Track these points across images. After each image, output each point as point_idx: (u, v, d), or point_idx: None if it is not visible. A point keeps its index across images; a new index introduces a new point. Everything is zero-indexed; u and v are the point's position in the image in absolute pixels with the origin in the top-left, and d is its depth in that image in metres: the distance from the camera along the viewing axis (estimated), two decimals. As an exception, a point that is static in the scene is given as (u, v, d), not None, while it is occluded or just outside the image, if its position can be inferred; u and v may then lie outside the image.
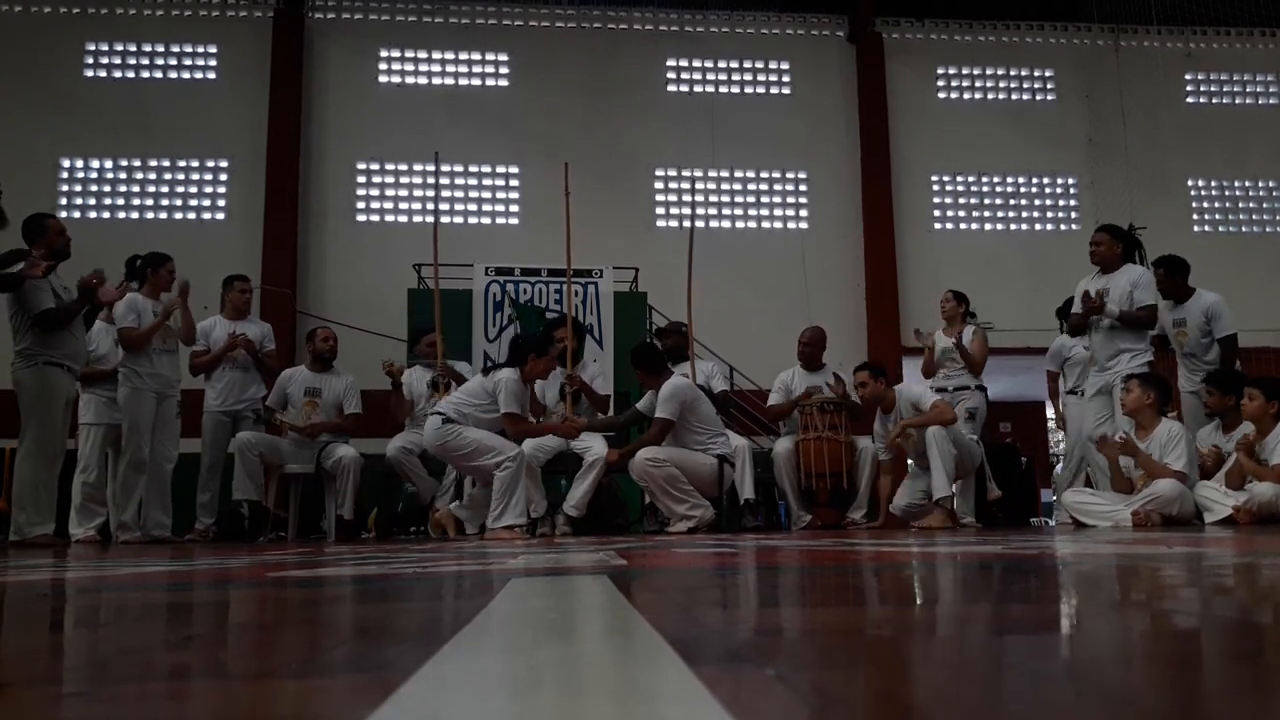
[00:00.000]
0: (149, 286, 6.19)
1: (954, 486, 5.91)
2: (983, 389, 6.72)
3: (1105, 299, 5.85)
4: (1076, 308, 6.04)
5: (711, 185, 12.89)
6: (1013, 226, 13.22)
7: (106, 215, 12.06)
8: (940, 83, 13.45)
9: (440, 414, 5.38)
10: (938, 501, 5.81)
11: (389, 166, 12.52)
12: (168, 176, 12.19)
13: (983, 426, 6.66)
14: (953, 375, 6.65)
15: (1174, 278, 6.28)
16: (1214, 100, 13.76)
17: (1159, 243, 12.62)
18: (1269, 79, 13.85)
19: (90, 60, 12.37)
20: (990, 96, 13.52)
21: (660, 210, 12.76)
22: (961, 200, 13.23)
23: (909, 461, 6.39)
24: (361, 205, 12.42)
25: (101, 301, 5.79)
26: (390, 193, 12.51)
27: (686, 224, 12.54)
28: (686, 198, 12.77)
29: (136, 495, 6.06)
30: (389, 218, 12.43)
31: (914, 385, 6.12)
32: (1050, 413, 15.23)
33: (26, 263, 5.37)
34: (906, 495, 6.21)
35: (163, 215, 12.10)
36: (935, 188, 13.16)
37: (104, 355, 6.25)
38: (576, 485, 5.98)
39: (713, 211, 12.85)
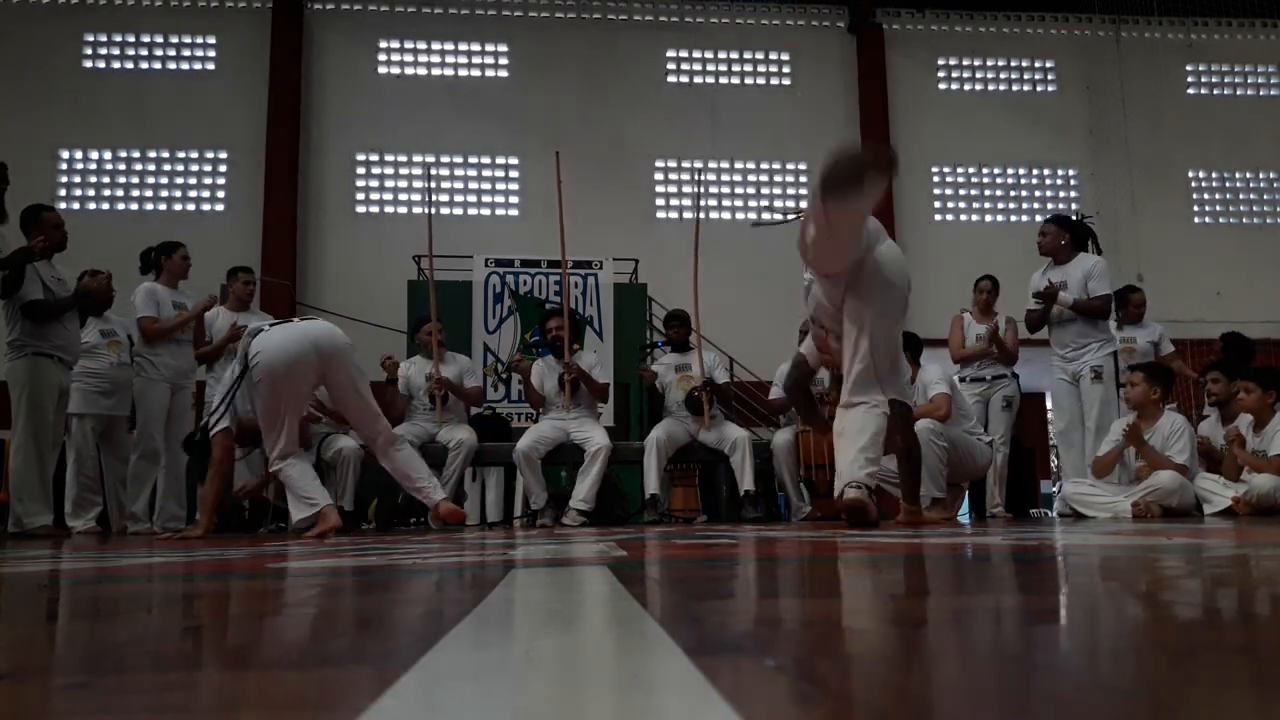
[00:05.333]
0: (165, 275, 6.21)
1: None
2: (1016, 376, 6.69)
3: (1062, 289, 5.90)
4: (1032, 304, 6.07)
5: (712, 176, 12.88)
6: (1013, 218, 13.22)
7: (106, 206, 12.06)
8: (941, 74, 13.43)
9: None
10: (933, 498, 5.81)
11: (388, 158, 12.51)
12: (167, 168, 12.19)
13: (1015, 415, 6.62)
14: (986, 364, 6.57)
15: (1233, 350, 6.48)
16: (1215, 91, 13.75)
17: (1160, 234, 12.69)
18: (1270, 70, 13.83)
19: (89, 51, 12.35)
20: (991, 87, 13.50)
21: (660, 202, 12.75)
22: (962, 191, 13.22)
23: None
24: (361, 197, 12.41)
25: (90, 290, 5.80)
26: (390, 184, 12.51)
27: (687, 215, 12.57)
28: (687, 189, 12.76)
29: (148, 486, 6.08)
30: (388, 209, 12.43)
31: (932, 367, 6.05)
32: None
33: (25, 250, 5.38)
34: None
35: (162, 206, 12.10)
36: (936, 179, 13.15)
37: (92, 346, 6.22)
38: (582, 478, 5.99)
39: (713, 203, 12.84)
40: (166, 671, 0.75)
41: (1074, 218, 6.31)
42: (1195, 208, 13.38)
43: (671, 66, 13.14)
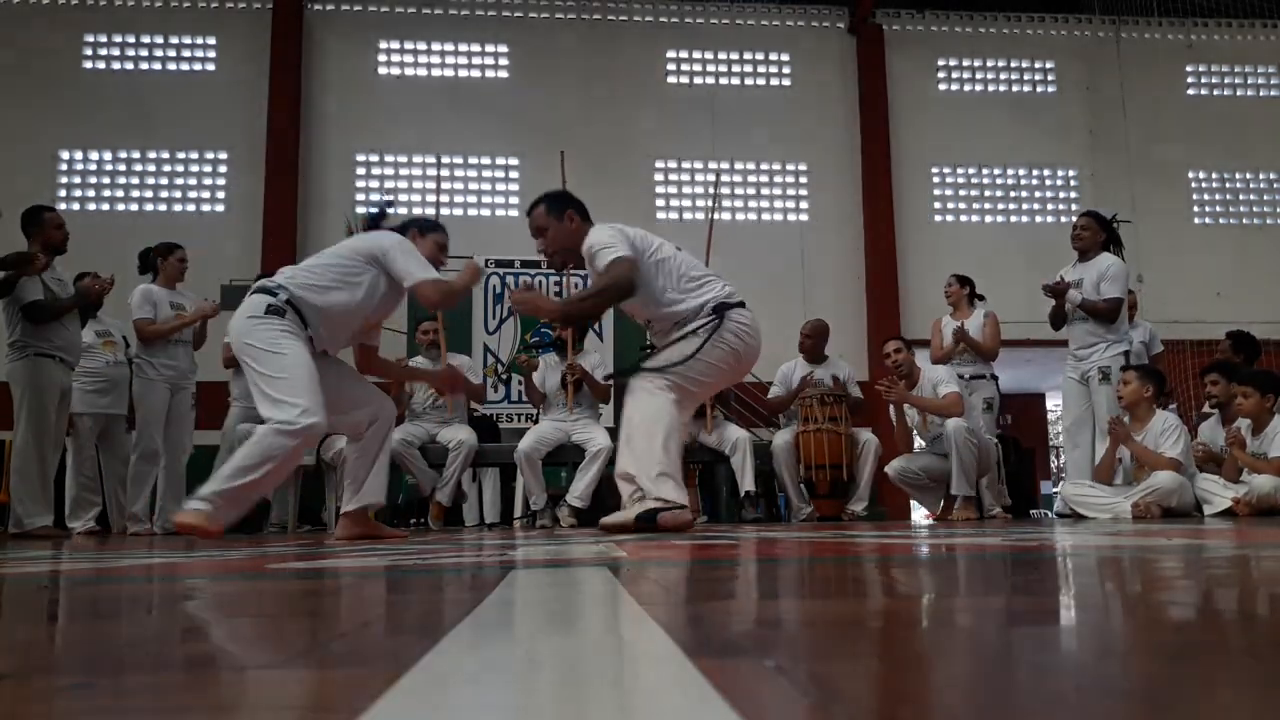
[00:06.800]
0: (162, 276, 6.23)
1: (983, 481, 5.98)
2: (995, 378, 6.65)
3: (1076, 287, 5.91)
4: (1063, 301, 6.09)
5: (711, 177, 12.89)
6: (1013, 219, 13.21)
7: (106, 207, 12.06)
8: (940, 74, 13.43)
9: (268, 292, 3.77)
10: (964, 497, 5.87)
11: (388, 159, 12.51)
12: (167, 168, 12.19)
13: (996, 418, 6.57)
14: (965, 364, 6.51)
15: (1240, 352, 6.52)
16: (1215, 92, 13.75)
17: (1160, 234, 12.68)
18: (1270, 71, 13.84)
19: (89, 52, 12.35)
20: (991, 88, 13.50)
21: (660, 202, 12.75)
22: (962, 192, 13.22)
23: (916, 438, 6.41)
24: (361, 197, 12.41)
25: (93, 293, 5.81)
26: (390, 185, 12.50)
27: (687, 215, 12.58)
28: (687, 189, 12.77)
29: (148, 487, 6.09)
30: (388, 209, 12.41)
31: (939, 367, 6.12)
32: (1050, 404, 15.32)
33: (24, 256, 5.38)
34: (904, 463, 6.26)
35: (162, 207, 12.10)
36: (935, 179, 13.14)
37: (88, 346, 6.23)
38: (580, 476, 6.00)
39: (711, 203, 12.85)
40: (167, 672, 0.75)
41: (1109, 218, 6.30)
42: (1195, 208, 13.37)
43: (671, 66, 13.14)
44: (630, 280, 3.89)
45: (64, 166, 12.08)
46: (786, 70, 13.28)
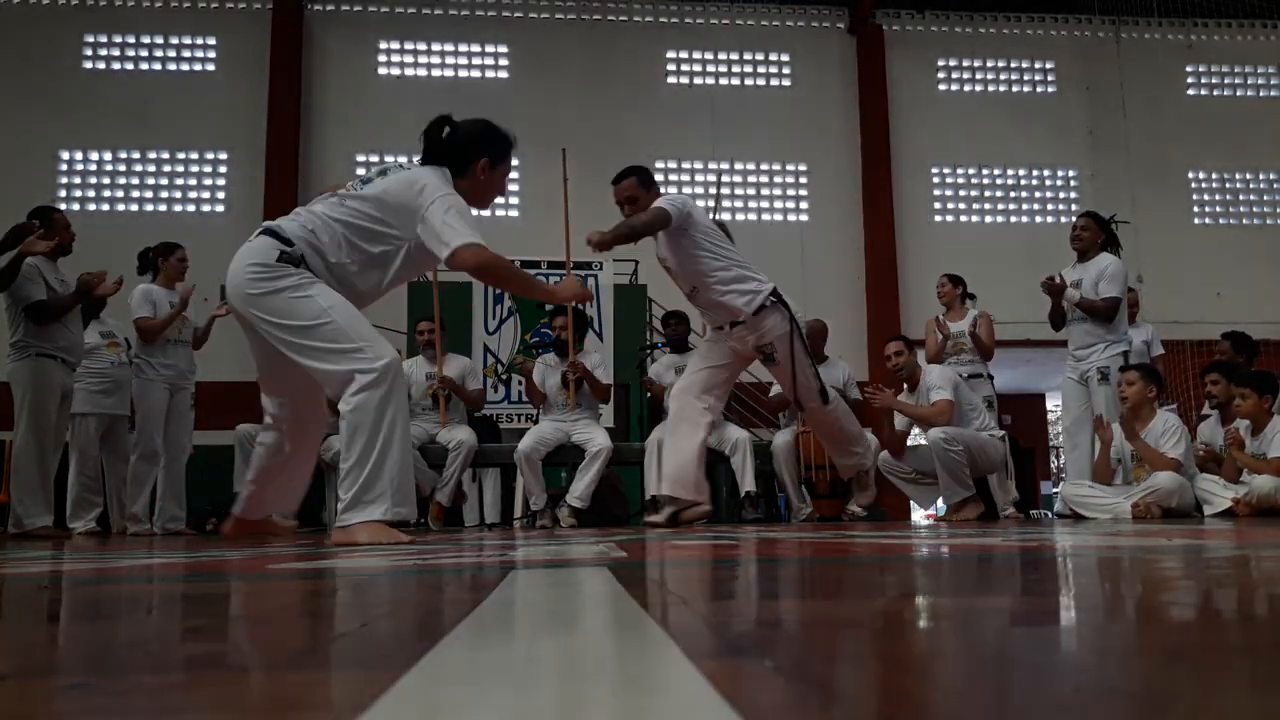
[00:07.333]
0: (162, 276, 6.23)
1: (993, 479, 6.01)
2: (991, 377, 6.65)
3: (1075, 287, 5.91)
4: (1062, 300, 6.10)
5: (711, 178, 12.90)
6: (1013, 219, 13.21)
7: (106, 208, 12.06)
8: (940, 74, 13.43)
9: (275, 236, 3.20)
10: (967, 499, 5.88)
11: (389, 159, 12.49)
12: (167, 169, 12.19)
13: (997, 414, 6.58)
14: (963, 363, 6.51)
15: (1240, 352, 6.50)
16: (1215, 92, 13.74)
17: (1160, 235, 12.68)
18: (1270, 71, 13.83)
19: (89, 52, 12.35)
20: (990, 88, 13.50)
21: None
22: (962, 192, 13.21)
23: (918, 436, 6.42)
24: (361, 197, 12.39)
25: (99, 296, 5.80)
26: (390, 185, 12.49)
27: (686, 216, 12.58)
28: (687, 190, 12.76)
29: (148, 487, 6.10)
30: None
31: (936, 369, 6.11)
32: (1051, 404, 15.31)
33: (26, 241, 5.36)
34: (892, 457, 6.26)
35: (162, 208, 12.10)
36: (935, 179, 13.14)
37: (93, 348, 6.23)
38: (580, 476, 6.00)
39: (712, 204, 12.85)
40: (166, 672, 0.75)
41: (1108, 218, 6.29)
42: (1195, 208, 13.37)
43: (671, 67, 13.14)
44: (662, 221, 4.64)
45: (64, 166, 12.08)
46: (786, 70, 13.28)
